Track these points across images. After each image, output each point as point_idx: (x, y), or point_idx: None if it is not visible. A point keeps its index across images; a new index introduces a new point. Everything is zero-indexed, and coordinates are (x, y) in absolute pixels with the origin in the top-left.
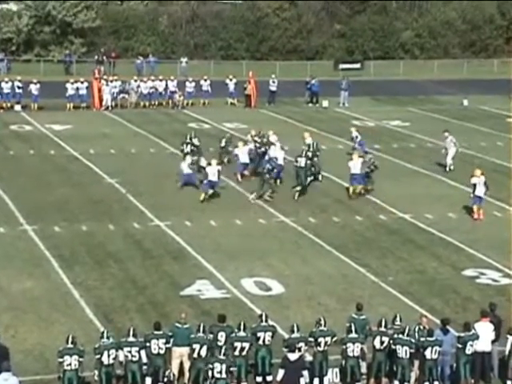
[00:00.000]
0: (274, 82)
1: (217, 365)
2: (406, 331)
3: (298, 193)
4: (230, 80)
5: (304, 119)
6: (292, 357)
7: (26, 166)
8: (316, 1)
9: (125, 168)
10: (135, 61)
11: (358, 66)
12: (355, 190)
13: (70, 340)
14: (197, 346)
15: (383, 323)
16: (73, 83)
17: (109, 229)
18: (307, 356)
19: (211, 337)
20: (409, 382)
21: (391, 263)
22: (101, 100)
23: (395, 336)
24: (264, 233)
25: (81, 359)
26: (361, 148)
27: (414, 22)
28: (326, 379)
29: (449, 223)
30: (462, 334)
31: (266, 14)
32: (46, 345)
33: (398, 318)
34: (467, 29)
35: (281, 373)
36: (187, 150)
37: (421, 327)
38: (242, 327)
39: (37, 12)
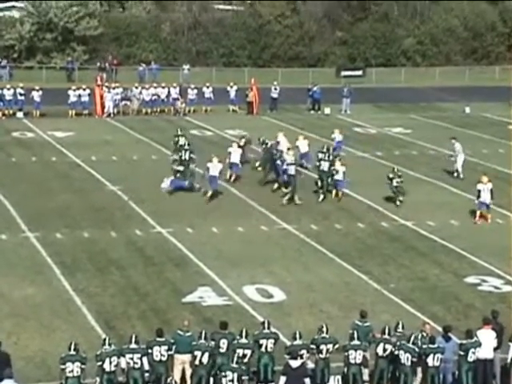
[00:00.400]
0: (275, 89)
1: (229, 373)
2: (411, 339)
3: (322, 195)
4: (230, 87)
5: (306, 126)
6: (294, 364)
7: (28, 173)
8: (318, 8)
9: (127, 175)
10: (137, 68)
11: (360, 73)
12: (337, 194)
13: (72, 347)
14: (198, 353)
15: (387, 330)
16: (75, 90)
17: (111, 236)
18: (309, 363)
19: (213, 344)
20: None
21: (393, 270)
22: (103, 107)
23: (398, 343)
24: (266, 240)
25: (83, 366)
26: (338, 150)
27: (415, 29)
28: None
29: (451, 230)
30: (464, 341)
31: (268, 21)
32: (48, 351)
33: (401, 326)
34: (469, 36)
35: (283, 380)
36: (176, 157)
37: (423, 334)
38: (244, 334)
39: (39, 19)
